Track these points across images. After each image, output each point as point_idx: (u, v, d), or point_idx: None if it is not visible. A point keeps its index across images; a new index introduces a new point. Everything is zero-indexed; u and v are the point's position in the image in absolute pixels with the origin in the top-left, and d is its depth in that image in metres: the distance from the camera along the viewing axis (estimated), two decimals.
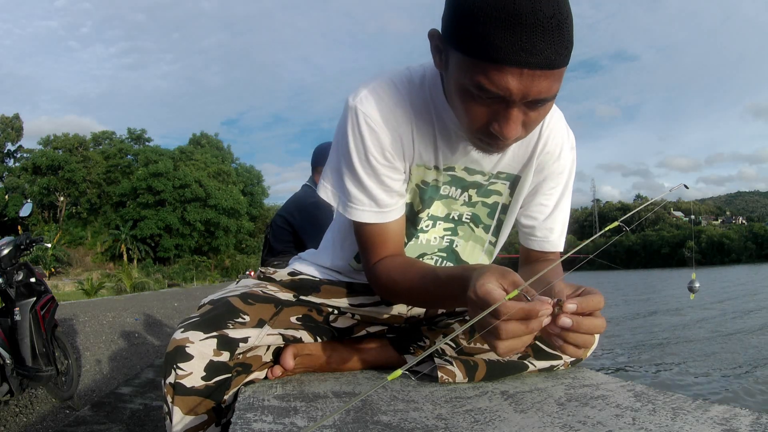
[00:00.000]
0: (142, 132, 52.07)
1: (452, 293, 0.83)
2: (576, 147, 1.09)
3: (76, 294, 17.65)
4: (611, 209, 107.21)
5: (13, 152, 48.74)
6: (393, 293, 1.01)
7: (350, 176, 0.97)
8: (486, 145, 0.86)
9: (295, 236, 2.66)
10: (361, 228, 1.01)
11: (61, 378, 3.50)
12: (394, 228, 1.00)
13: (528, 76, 0.72)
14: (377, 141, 0.94)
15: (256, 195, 55.47)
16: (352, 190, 0.97)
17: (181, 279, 35.55)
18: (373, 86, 0.95)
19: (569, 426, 0.68)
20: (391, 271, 0.98)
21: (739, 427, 0.64)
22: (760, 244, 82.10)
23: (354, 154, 0.95)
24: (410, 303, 1.09)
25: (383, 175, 0.96)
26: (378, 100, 0.94)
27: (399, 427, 0.69)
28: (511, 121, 0.78)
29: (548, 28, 0.70)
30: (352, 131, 0.94)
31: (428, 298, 0.96)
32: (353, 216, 0.99)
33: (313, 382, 0.99)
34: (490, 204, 1.08)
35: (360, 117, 0.93)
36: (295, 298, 1.05)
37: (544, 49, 0.70)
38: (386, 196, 0.98)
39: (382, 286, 1.01)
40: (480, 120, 0.81)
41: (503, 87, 0.73)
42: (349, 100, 0.95)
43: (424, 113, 0.97)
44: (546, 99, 0.76)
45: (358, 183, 0.97)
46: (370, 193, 0.97)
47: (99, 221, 48.20)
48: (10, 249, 3.28)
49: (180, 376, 0.86)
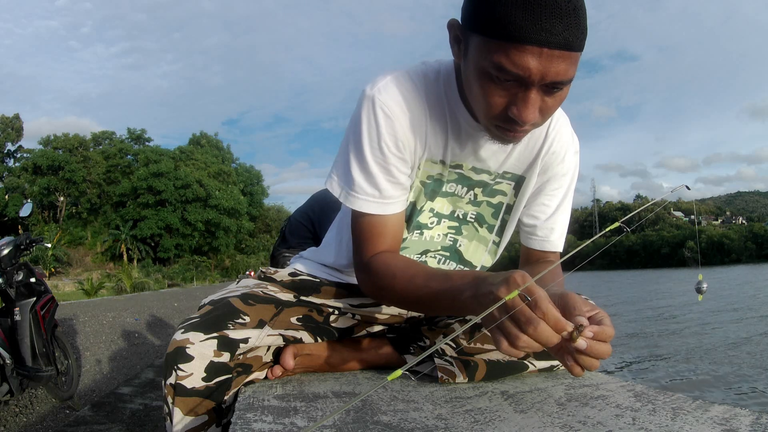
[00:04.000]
0: (142, 132, 52.13)
1: (460, 288, 0.80)
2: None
3: (76, 294, 17.65)
4: (611, 209, 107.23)
5: (13, 152, 48.76)
6: (388, 289, 0.94)
7: (358, 163, 0.96)
8: (502, 133, 0.87)
9: (313, 232, 2.70)
10: (359, 218, 0.99)
11: (61, 378, 3.50)
12: (393, 222, 0.99)
13: (547, 56, 0.74)
14: (392, 129, 0.94)
15: (255, 195, 55.48)
16: (357, 178, 0.96)
17: (181, 279, 35.55)
18: (390, 78, 0.96)
19: (569, 426, 0.68)
20: (390, 264, 0.94)
21: (739, 427, 0.64)
22: (760, 244, 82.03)
23: (366, 141, 0.95)
24: (403, 301, 0.96)
25: (391, 165, 0.96)
26: (395, 91, 0.95)
27: (399, 427, 0.69)
28: (530, 104, 0.80)
29: (566, 12, 0.73)
30: (367, 118, 0.94)
31: (428, 295, 0.89)
32: (354, 204, 0.97)
33: (313, 382, 0.99)
34: (494, 204, 1.10)
35: (377, 105, 0.94)
36: (295, 299, 1.05)
37: (563, 31, 0.74)
38: (390, 187, 0.97)
39: (376, 282, 0.95)
40: (498, 105, 0.82)
41: (523, 66, 0.75)
42: (367, 89, 0.95)
43: (437, 108, 0.98)
44: (563, 82, 0.79)
45: (365, 170, 0.96)
46: (374, 182, 0.96)
47: (99, 221, 48.20)
48: (10, 249, 3.28)
49: (180, 376, 0.86)
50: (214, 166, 50.18)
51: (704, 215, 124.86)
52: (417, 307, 0.97)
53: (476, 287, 0.76)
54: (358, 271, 1.01)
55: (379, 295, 0.99)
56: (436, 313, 1.08)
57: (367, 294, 1.02)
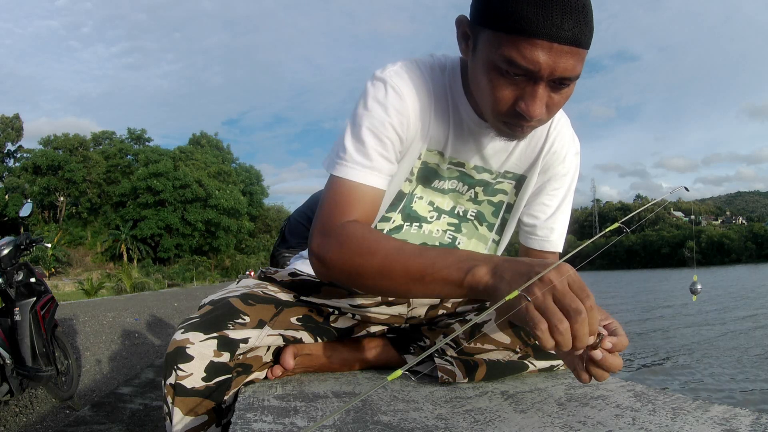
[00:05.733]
0: (142, 132, 52.17)
1: (469, 259, 0.74)
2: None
3: (76, 294, 17.66)
4: (611, 209, 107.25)
5: (13, 152, 48.78)
6: (364, 255, 0.82)
7: (352, 133, 0.93)
8: (509, 129, 0.88)
9: None
10: (338, 183, 0.91)
11: (61, 378, 3.50)
12: (372, 195, 0.93)
13: (557, 51, 0.76)
14: (400, 107, 0.94)
15: (255, 195, 55.48)
16: (348, 146, 0.92)
17: (181, 279, 35.57)
18: (401, 64, 0.98)
19: (569, 426, 0.68)
20: (373, 232, 0.86)
21: (739, 427, 0.64)
22: (760, 244, 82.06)
23: (369, 112, 0.93)
24: (380, 272, 0.81)
25: (386, 138, 0.93)
26: (406, 76, 0.96)
27: (399, 427, 0.69)
28: (538, 98, 0.81)
29: (576, 8, 0.75)
30: (374, 95, 0.94)
31: (421, 266, 0.77)
32: (337, 171, 0.92)
33: (313, 382, 0.99)
34: (495, 203, 1.11)
35: (388, 84, 0.94)
36: (295, 299, 1.05)
37: (573, 27, 0.75)
38: (379, 158, 0.93)
39: (350, 247, 0.84)
40: (507, 99, 0.83)
41: (533, 60, 0.76)
42: (377, 72, 0.96)
43: (441, 100, 1.00)
44: (570, 78, 0.80)
45: (358, 139, 0.92)
46: (365, 151, 0.92)
47: (99, 221, 48.22)
48: (10, 249, 3.29)
49: (180, 377, 0.86)
50: (214, 166, 50.20)
51: (704, 215, 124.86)
52: (394, 282, 0.80)
53: (498, 261, 0.71)
54: (320, 236, 0.88)
55: (349, 263, 0.84)
56: (418, 292, 0.81)
57: (322, 264, 0.88)
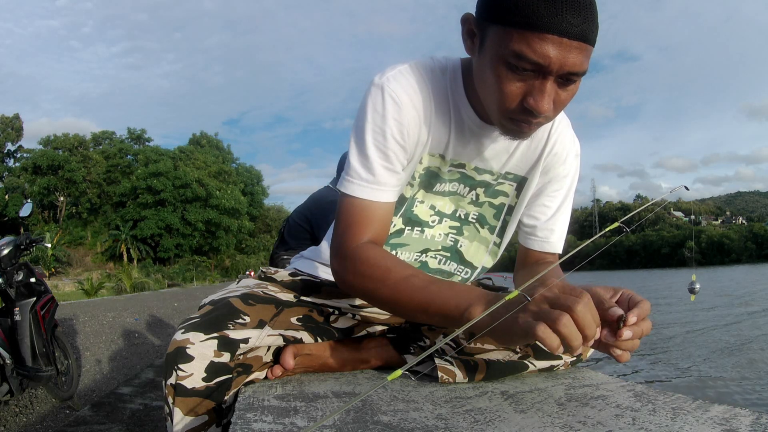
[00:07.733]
0: (142, 132, 52.11)
1: (469, 297, 0.78)
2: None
3: (76, 294, 17.66)
4: (611, 209, 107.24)
5: (13, 152, 48.75)
6: (376, 281, 0.87)
7: (357, 149, 0.96)
8: (515, 126, 0.88)
9: (311, 233, 2.70)
10: (348, 202, 0.95)
11: (61, 378, 3.50)
12: (382, 210, 0.96)
13: (566, 46, 0.77)
14: (398, 115, 0.95)
15: (256, 195, 55.46)
16: (353, 163, 0.96)
17: (181, 279, 35.55)
18: (400, 68, 0.97)
19: (569, 426, 0.68)
20: (385, 257, 0.90)
21: (739, 427, 0.64)
22: (760, 244, 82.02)
23: (369, 125, 0.94)
24: (390, 298, 0.87)
25: (390, 151, 0.95)
26: (404, 81, 0.96)
27: (399, 427, 0.69)
28: (546, 94, 0.81)
29: (583, 5, 0.77)
30: (373, 104, 0.95)
31: (424, 299, 0.83)
32: (345, 188, 0.96)
33: (313, 382, 0.99)
34: (496, 205, 1.11)
35: (386, 92, 0.94)
36: (295, 299, 1.05)
37: (581, 23, 0.77)
38: (385, 173, 0.95)
39: (363, 272, 0.89)
40: (514, 95, 0.83)
41: (543, 54, 0.77)
42: (376, 78, 0.96)
43: (442, 103, 0.99)
44: (578, 74, 0.81)
45: (363, 154, 0.95)
46: (370, 166, 0.95)
47: (99, 221, 48.18)
48: (10, 249, 3.29)
49: (181, 377, 0.86)
50: (215, 166, 50.15)
51: (704, 215, 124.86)
52: (402, 308, 0.88)
53: (490, 302, 0.75)
54: (337, 258, 0.94)
55: (361, 286, 0.90)
56: (420, 319, 0.93)
57: (341, 283, 0.96)
